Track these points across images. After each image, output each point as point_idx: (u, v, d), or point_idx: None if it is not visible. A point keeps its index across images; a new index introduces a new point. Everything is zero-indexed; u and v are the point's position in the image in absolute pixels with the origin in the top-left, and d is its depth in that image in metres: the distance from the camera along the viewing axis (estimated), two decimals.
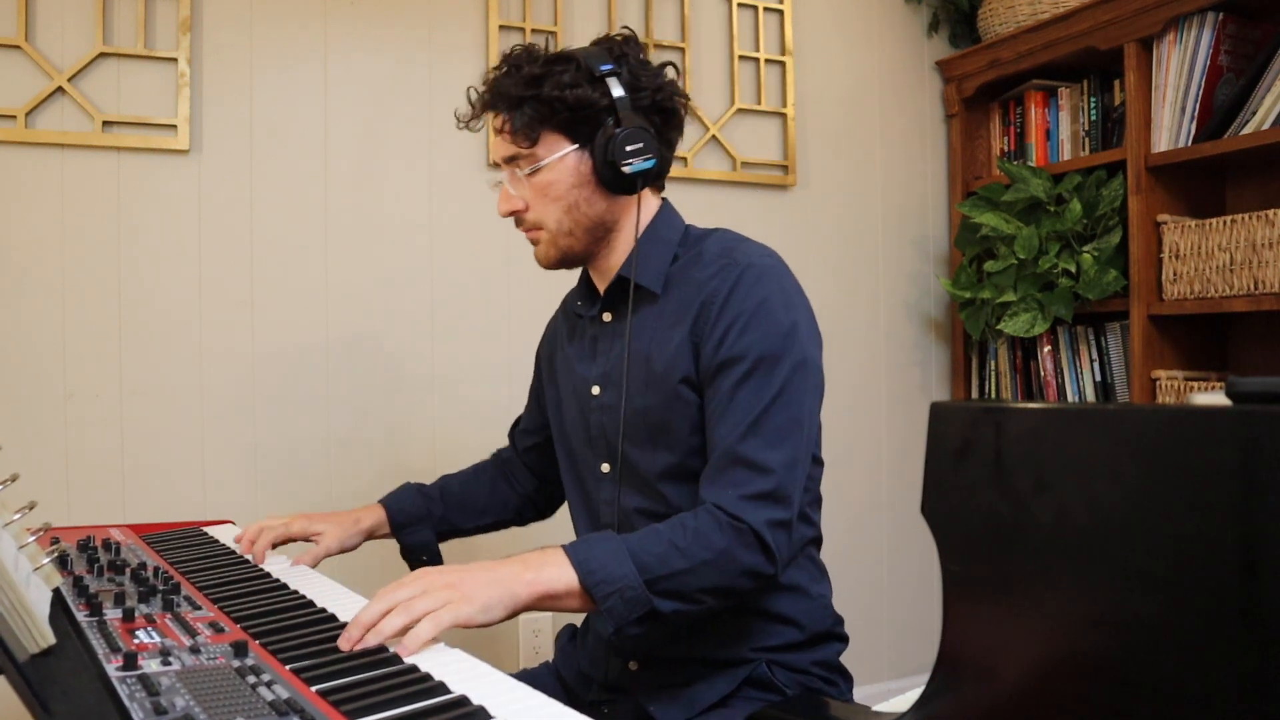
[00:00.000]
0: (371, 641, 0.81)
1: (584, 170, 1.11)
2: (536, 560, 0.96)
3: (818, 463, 1.16)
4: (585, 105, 1.08)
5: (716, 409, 1.05)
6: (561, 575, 0.95)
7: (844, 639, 1.20)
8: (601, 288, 1.20)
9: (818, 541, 1.20)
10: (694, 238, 1.18)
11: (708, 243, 1.15)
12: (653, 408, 1.11)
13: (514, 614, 0.93)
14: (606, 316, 1.20)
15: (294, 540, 1.27)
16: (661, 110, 1.13)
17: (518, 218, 1.15)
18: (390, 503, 1.37)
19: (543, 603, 0.95)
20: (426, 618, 0.83)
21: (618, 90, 1.09)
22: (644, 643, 1.10)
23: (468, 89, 1.19)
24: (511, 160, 1.12)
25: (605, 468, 1.19)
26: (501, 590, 0.91)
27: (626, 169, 1.09)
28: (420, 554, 1.37)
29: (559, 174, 1.11)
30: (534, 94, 1.08)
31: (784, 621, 1.13)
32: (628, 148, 1.08)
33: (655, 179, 1.16)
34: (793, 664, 1.13)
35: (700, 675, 1.12)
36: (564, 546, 0.97)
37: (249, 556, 1.18)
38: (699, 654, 1.12)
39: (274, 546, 1.22)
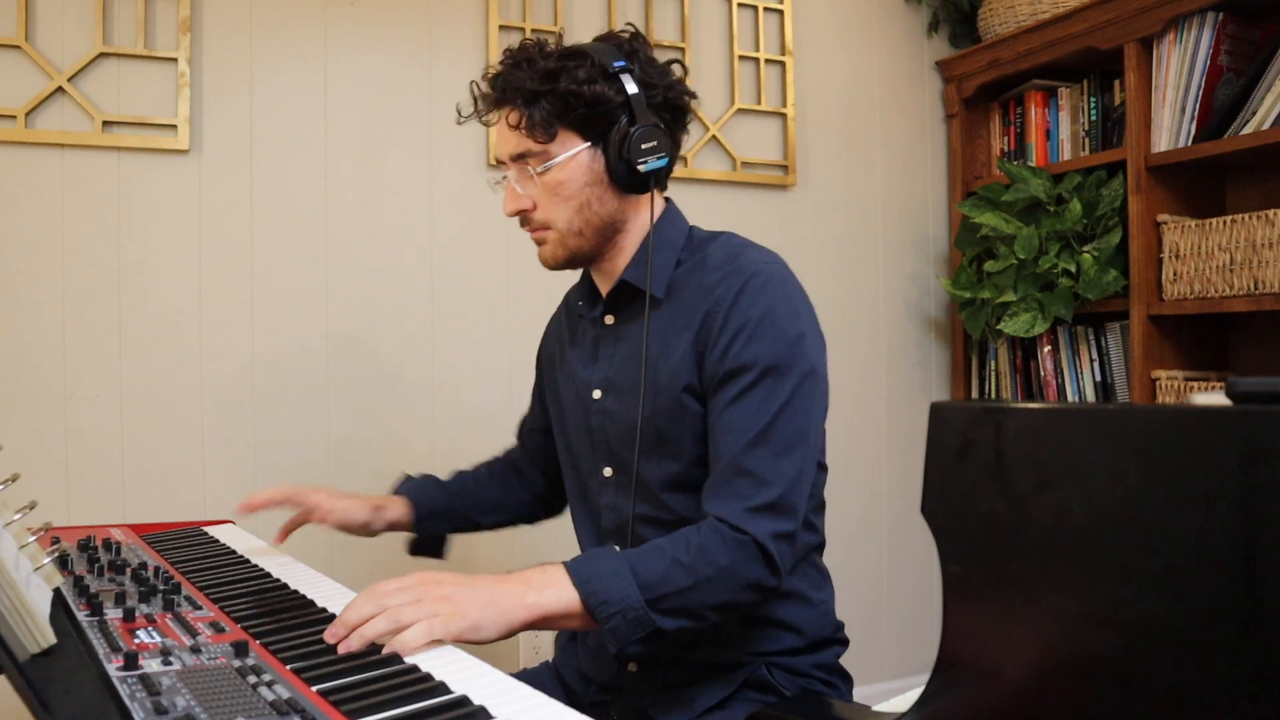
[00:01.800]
0: (355, 645, 0.80)
1: (597, 168, 1.09)
2: (538, 580, 0.94)
3: (821, 468, 1.15)
4: (601, 102, 1.06)
5: (721, 419, 1.03)
6: (563, 596, 0.94)
7: (844, 642, 1.19)
8: (604, 289, 1.18)
9: (820, 546, 1.19)
10: (698, 241, 1.16)
11: (712, 247, 1.13)
12: (656, 415, 1.09)
13: (509, 635, 0.92)
14: (609, 319, 1.18)
15: (310, 508, 1.28)
16: (672, 108, 1.12)
17: (524, 217, 1.12)
18: (413, 493, 1.34)
19: (543, 624, 0.94)
20: (417, 624, 0.82)
21: (631, 87, 1.07)
22: (646, 653, 1.11)
23: (470, 83, 1.16)
24: (520, 158, 1.09)
25: (608, 471, 1.17)
26: (496, 612, 0.90)
27: (641, 167, 1.07)
28: (434, 549, 1.37)
29: (571, 172, 1.08)
30: (550, 89, 1.05)
31: (784, 627, 1.13)
32: (643, 146, 1.06)
33: (663, 179, 1.15)
34: (793, 667, 1.13)
35: (699, 678, 1.11)
36: (566, 565, 0.96)
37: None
38: (698, 659, 1.12)
39: (285, 516, 1.24)
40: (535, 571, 0.95)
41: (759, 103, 2.37)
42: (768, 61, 2.38)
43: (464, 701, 0.69)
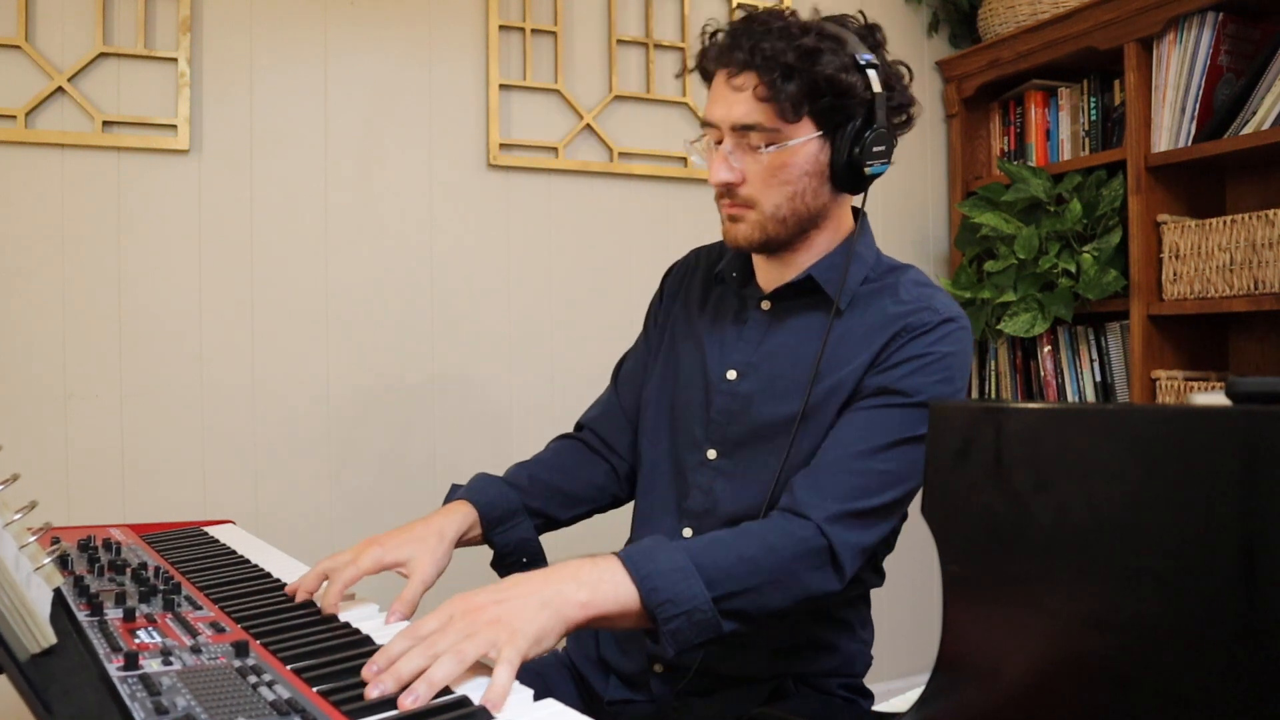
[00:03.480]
0: (424, 696, 0.68)
1: (822, 159, 1.04)
2: (589, 575, 0.85)
3: (904, 512, 1.09)
4: (850, 95, 1.01)
5: (855, 420, 1.00)
6: (619, 594, 0.85)
7: (869, 661, 1.18)
8: (770, 277, 1.13)
9: (877, 585, 1.17)
10: (886, 266, 1.13)
11: (903, 279, 1.10)
12: (800, 415, 1.04)
13: (565, 635, 0.82)
14: (766, 305, 1.13)
15: (367, 575, 0.99)
16: (902, 112, 1.08)
17: (728, 190, 1.06)
18: (475, 497, 1.13)
19: (596, 623, 0.85)
20: (502, 660, 0.73)
21: (877, 85, 1.03)
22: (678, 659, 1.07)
23: (705, 26, 1.11)
24: (746, 129, 1.02)
25: (712, 454, 1.11)
26: (551, 615, 0.80)
27: (867, 169, 1.03)
28: (519, 555, 1.16)
29: (798, 157, 1.03)
30: (808, 67, 0.99)
31: (825, 650, 1.11)
32: (875, 148, 1.02)
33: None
34: (819, 686, 1.11)
35: (724, 688, 1.09)
36: (619, 556, 0.87)
37: (316, 602, 0.94)
38: (727, 669, 1.09)
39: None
40: (584, 564, 0.86)
41: None
42: None
43: (464, 702, 0.69)
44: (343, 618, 0.90)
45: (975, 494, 0.65)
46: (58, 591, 0.90)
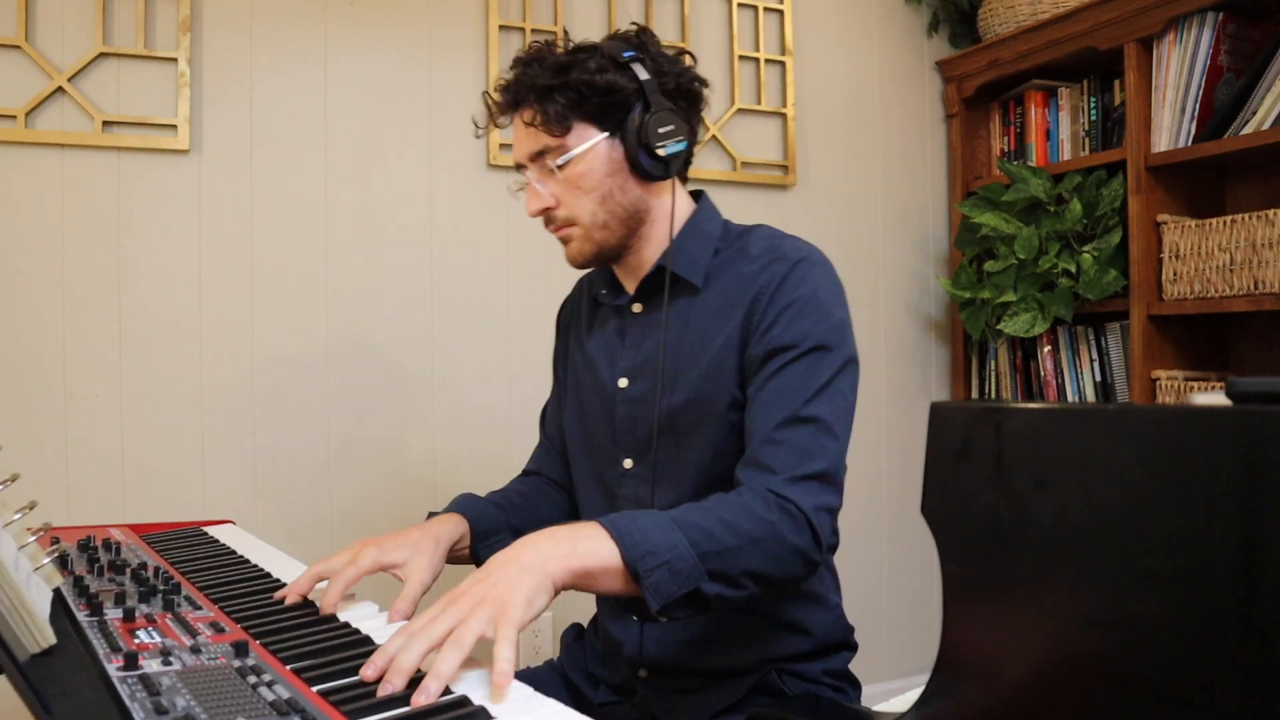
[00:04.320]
0: (434, 690, 0.69)
1: (616, 158, 1.08)
2: (566, 533, 0.86)
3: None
4: (615, 90, 1.06)
5: (762, 392, 1.01)
6: (599, 549, 0.86)
7: (854, 647, 1.18)
8: (631, 282, 1.17)
9: (832, 548, 1.16)
10: (735, 233, 1.15)
11: (751, 237, 1.13)
12: (692, 402, 1.08)
13: (554, 596, 0.84)
14: (637, 307, 1.16)
15: (366, 575, 1.01)
16: (686, 94, 1.11)
17: (548, 216, 1.11)
18: (465, 511, 1.17)
19: (579, 581, 0.86)
20: (497, 644, 0.74)
21: (643, 74, 1.07)
22: (658, 657, 1.08)
23: (483, 93, 1.17)
24: (539, 155, 1.09)
25: (628, 463, 1.14)
26: (537, 576, 0.81)
27: (661, 151, 1.06)
28: None
29: (591, 163, 1.07)
30: (563, 81, 1.05)
31: (796, 630, 1.11)
32: (660, 130, 1.06)
33: (683, 166, 1.13)
34: (803, 673, 1.12)
35: (709, 684, 1.10)
36: (600, 520, 0.89)
37: (316, 603, 0.95)
38: (709, 665, 1.10)
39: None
40: (561, 527, 0.88)
41: (759, 103, 2.37)
42: (768, 61, 2.38)
43: (464, 702, 0.69)
44: (342, 617, 0.90)
45: (975, 494, 0.65)
46: (57, 591, 0.90)
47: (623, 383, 1.15)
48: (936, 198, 2.65)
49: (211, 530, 1.36)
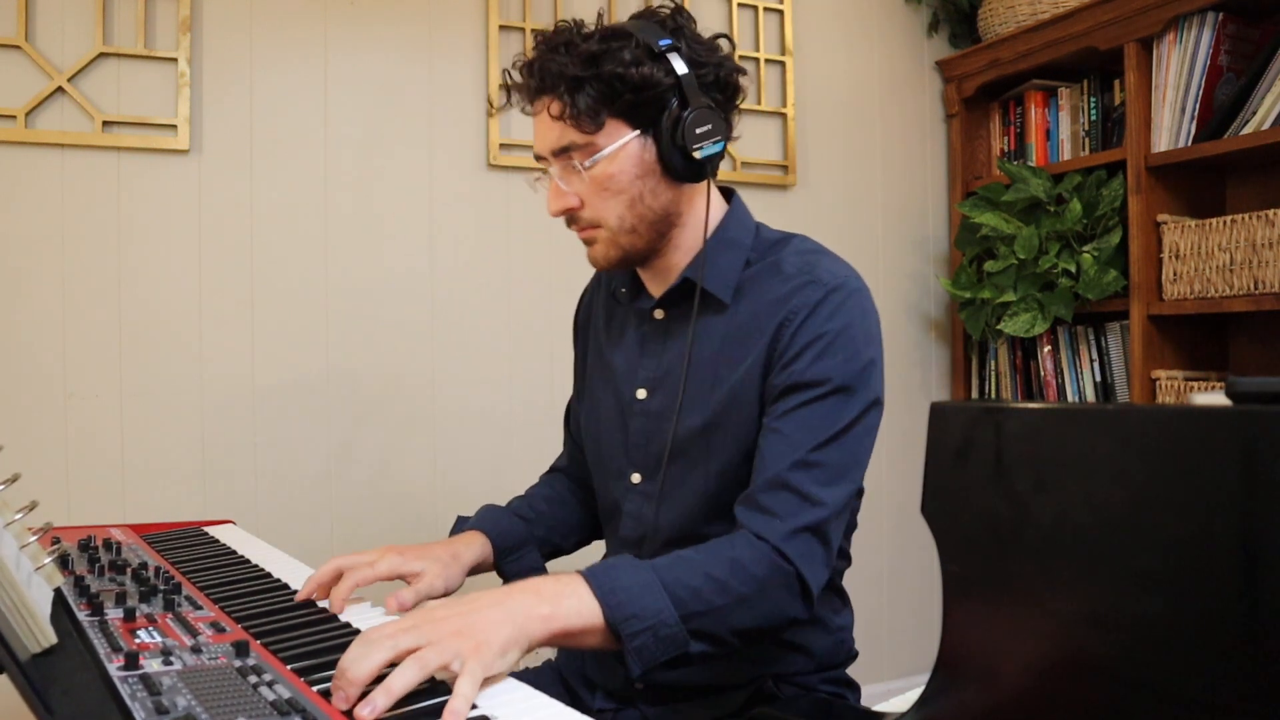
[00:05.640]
0: (381, 705, 0.66)
1: (648, 158, 1.00)
2: (551, 589, 0.82)
3: (859, 492, 1.05)
4: (650, 85, 0.97)
5: (776, 428, 0.96)
6: (582, 609, 0.82)
7: (854, 655, 1.16)
8: (657, 286, 1.10)
9: (842, 572, 1.14)
10: (768, 242, 1.08)
11: (785, 252, 1.05)
12: (710, 426, 1.02)
13: (526, 653, 0.80)
14: (659, 314, 1.10)
15: (381, 580, 1.02)
16: (724, 87, 1.03)
17: (571, 216, 1.04)
18: (487, 527, 1.14)
19: (558, 641, 0.82)
20: (460, 675, 0.70)
21: (681, 67, 0.98)
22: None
23: (503, 71, 1.06)
24: (564, 151, 1.00)
25: (636, 478, 1.09)
26: (515, 630, 0.77)
27: (697, 153, 0.98)
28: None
29: (622, 164, 0.99)
30: (594, 73, 0.96)
31: (798, 650, 1.08)
32: (697, 130, 0.98)
33: (717, 166, 1.04)
34: (802, 683, 1.10)
35: (706, 693, 1.08)
36: (583, 574, 0.85)
37: (324, 604, 0.95)
38: (705, 681, 1.07)
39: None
40: (547, 580, 0.85)
41: (759, 103, 2.37)
42: (768, 61, 2.38)
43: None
44: (343, 617, 0.90)
45: (975, 494, 0.65)
46: (58, 591, 0.90)
47: (641, 394, 1.09)
48: (936, 198, 2.65)
49: (212, 530, 1.36)
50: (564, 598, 0.82)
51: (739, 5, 2.34)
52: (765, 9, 2.38)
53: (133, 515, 1.74)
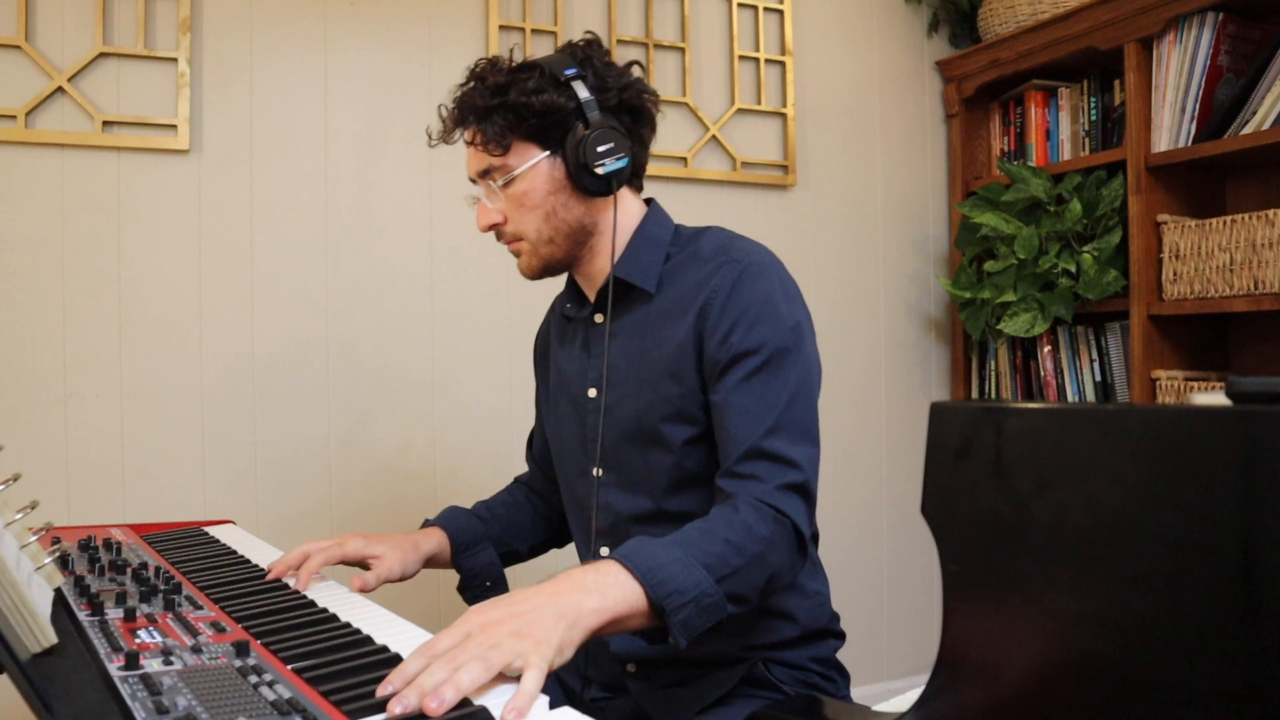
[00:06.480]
0: (415, 702, 0.67)
1: (557, 176, 1.11)
2: (595, 581, 0.85)
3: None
4: (552, 110, 1.08)
5: (731, 403, 1.04)
6: (627, 594, 0.85)
7: (840, 635, 1.20)
8: (591, 290, 1.20)
9: (814, 538, 1.19)
10: (686, 236, 1.18)
11: (701, 241, 1.15)
12: (651, 407, 1.10)
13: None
14: (598, 318, 1.19)
15: (347, 563, 1.15)
16: (630, 109, 1.13)
17: (498, 231, 1.15)
18: (446, 524, 1.26)
19: (607, 629, 0.85)
20: (525, 674, 0.72)
21: (583, 93, 1.09)
22: (646, 652, 1.10)
23: (439, 106, 1.19)
24: (485, 174, 1.12)
25: (597, 471, 1.17)
26: (569, 626, 0.80)
27: (600, 170, 1.08)
28: (484, 579, 1.27)
29: (533, 182, 1.10)
30: (500, 102, 1.08)
31: (780, 616, 1.13)
32: (599, 149, 1.08)
33: (631, 178, 1.16)
34: (790, 661, 1.13)
35: (697, 675, 1.12)
36: (617, 558, 0.88)
37: (289, 581, 1.04)
38: (696, 656, 1.11)
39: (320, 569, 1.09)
40: (587, 571, 0.87)
41: (759, 103, 2.37)
42: (768, 61, 2.38)
43: (465, 702, 0.69)
44: (343, 617, 0.90)
45: (975, 494, 0.65)
46: (58, 591, 0.90)
47: (592, 393, 1.18)
48: (936, 198, 2.65)
49: (212, 530, 1.37)
50: (609, 587, 0.85)
51: (739, 5, 2.34)
52: (765, 9, 2.38)
53: (133, 515, 1.74)
